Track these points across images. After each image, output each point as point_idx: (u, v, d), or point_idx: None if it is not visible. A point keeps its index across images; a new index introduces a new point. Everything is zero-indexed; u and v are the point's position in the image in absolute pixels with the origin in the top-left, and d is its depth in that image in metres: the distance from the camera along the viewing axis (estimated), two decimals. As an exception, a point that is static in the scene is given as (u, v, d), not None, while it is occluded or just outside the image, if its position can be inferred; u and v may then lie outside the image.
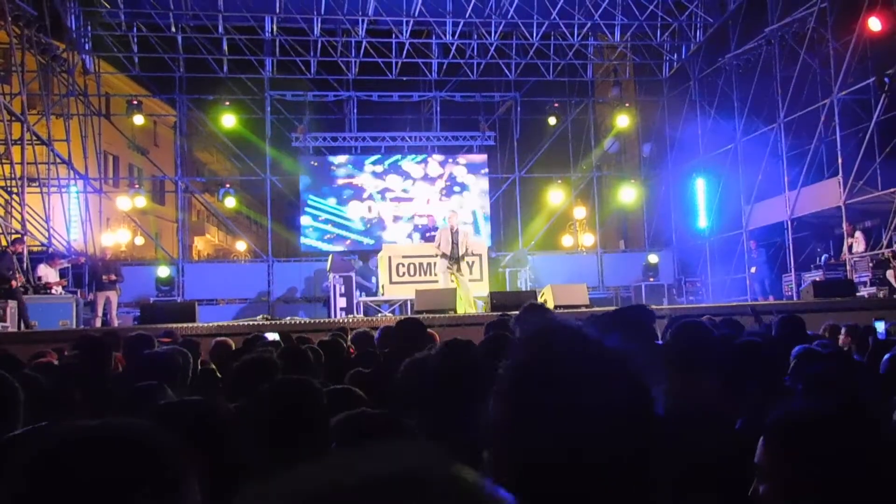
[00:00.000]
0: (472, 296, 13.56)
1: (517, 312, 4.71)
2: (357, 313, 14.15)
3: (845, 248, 14.80)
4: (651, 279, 18.81)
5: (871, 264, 14.05)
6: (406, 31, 18.50)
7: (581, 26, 18.91)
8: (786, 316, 5.09)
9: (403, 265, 15.19)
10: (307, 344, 5.18)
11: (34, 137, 16.12)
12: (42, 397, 3.26)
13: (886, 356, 3.41)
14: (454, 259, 13.23)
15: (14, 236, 14.09)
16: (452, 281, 13.24)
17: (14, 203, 15.34)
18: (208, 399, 2.01)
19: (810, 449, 1.44)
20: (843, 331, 5.69)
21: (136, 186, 20.48)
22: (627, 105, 21.33)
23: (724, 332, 3.80)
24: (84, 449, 0.95)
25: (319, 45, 18.67)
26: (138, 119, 19.12)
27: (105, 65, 19.68)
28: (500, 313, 7.46)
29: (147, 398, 2.70)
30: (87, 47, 18.36)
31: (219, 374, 4.88)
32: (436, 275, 14.67)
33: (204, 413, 1.82)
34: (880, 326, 5.39)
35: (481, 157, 20.35)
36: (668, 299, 18.04)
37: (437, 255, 13.61)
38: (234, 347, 5.95)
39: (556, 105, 21.09)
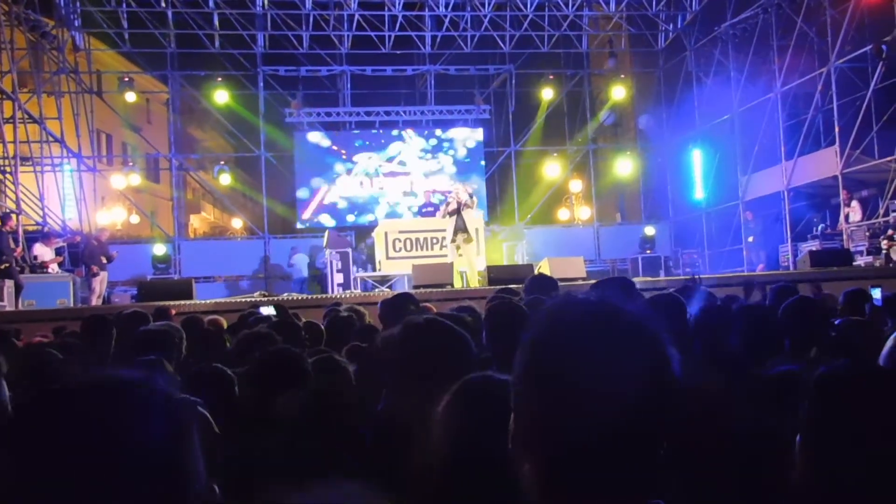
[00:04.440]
0: (477, 269, 13.57)
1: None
2: (354, 289, 14.15)
3: (842, 217, 14.81)
4: (648, 251, 18.82)
5: (867, 233, 14.07)
6: (399, 4, 18.30)
7: (576, -4, 18.73)
8: (780, 285, 5.07)
9: (400, 240, 15.13)
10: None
11: (26, 116, 16.00)
12: (44, 368, 3.27)
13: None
14: (464, 230, 13.21)
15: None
16: (461, 254, 13.23)
17: (7, 182, 15.27)
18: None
19: (854, 404, 1.43)
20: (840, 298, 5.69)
21: (130, 164, 20.37)
22: (623, 76, 21.19)
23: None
24: (83, 397, 0.94)
25: (311, 19, 18.47)
26: (130, 96, 18.97)
27: (95, 41, 19.47)
28: (502, 286, 7.43)
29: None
30: (76, 23, 18.15)
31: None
32: (432, 249, 14.66)
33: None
34: (877, 293, 5.39)
35: (476, 132, 20.26)
36: (664, 271, 18.07)
37: (445, 221, 13.54)
38: (226, 325, 5.98)
39: (552, 77, 20.95)
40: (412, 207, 19.04)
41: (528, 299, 3.84)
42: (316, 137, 19.67)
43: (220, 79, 18.96)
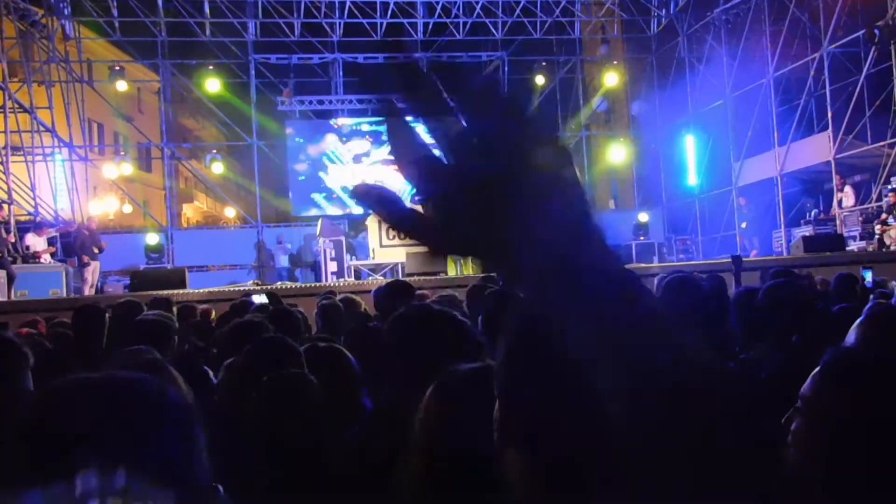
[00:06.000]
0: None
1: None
2: (348, 277, 14.13)
3: (835, 202, 14.83)
4: (642, 238, 18.80)
5: (860, 218, 14.10)
6: (391, -9, 18.23)
7: (569, -18, 18.67)
8: (776, 270, 5.08)
9: (393, 228, 15.10)
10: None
11: (16, 105, 15.90)
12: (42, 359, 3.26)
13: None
14: None
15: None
16: None
17: (-2, 172, 15.20)
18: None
19: (864, 389, 1.42)
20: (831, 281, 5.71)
21: (122, 154, 20.29)
22: (616, 63, 21.14)
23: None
24: (89, 397, 0.93)
25: (303, 6, 18.37)
26: (121, 85, 18.87)
27: (85, 30, 19.32)
28: (485, 275, 7.42)
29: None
30: (66, 12, 18.01)
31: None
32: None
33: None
34: (868, 275, 5.42)
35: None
36: (658, 258, 18.08)
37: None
38: (214, 315, 5.98)
39: (544, 64, 20.89)
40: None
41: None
42: (308, 126, 19.54)
43: (211, 67, 18.86)
